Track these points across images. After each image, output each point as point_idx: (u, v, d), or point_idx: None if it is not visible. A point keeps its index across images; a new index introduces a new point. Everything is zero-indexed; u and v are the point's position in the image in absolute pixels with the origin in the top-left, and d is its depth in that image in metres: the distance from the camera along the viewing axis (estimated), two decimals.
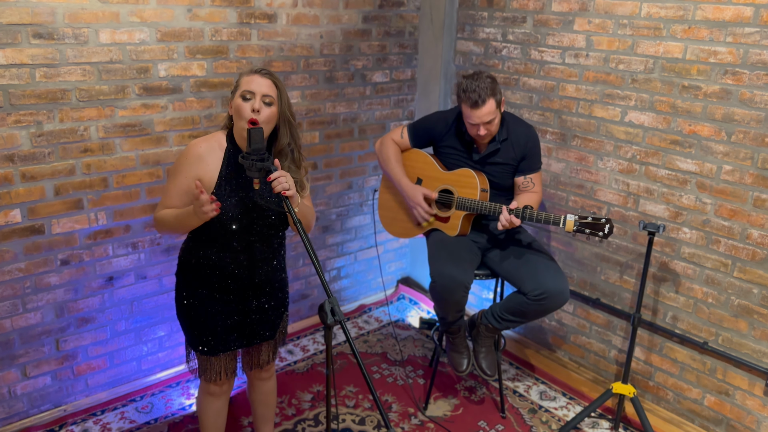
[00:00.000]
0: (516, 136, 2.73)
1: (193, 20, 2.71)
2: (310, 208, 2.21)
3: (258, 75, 2.00)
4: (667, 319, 2.86)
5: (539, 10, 3.08)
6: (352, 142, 3.52)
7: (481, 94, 2.52)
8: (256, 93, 1.97)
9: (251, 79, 1.99)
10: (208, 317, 2.15)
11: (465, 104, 2.57)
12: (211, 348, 2.18)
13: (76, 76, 2.47)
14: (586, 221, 2.43)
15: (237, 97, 2.00)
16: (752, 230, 2.52)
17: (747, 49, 2.42)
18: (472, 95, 2.53)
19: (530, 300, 2.56)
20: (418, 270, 4.08)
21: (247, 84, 1.99)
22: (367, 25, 3.35)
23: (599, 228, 2.40)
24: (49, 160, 2.49)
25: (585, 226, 2.43)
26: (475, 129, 2.61)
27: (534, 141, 2.76)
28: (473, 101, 2.53)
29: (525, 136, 2.74)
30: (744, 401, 2.66)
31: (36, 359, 2.67)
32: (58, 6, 2.36)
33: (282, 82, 2.05)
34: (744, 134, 2.48)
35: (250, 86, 1.98)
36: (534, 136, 2.77)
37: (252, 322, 2.21)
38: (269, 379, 2.43)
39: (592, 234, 2.41)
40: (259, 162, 1.84)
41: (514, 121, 2.78)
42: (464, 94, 2.56)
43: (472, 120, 2.58)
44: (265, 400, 2.46)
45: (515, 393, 3.12)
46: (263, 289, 2.20)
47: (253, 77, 2.00)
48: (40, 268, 2.58)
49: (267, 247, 2.15)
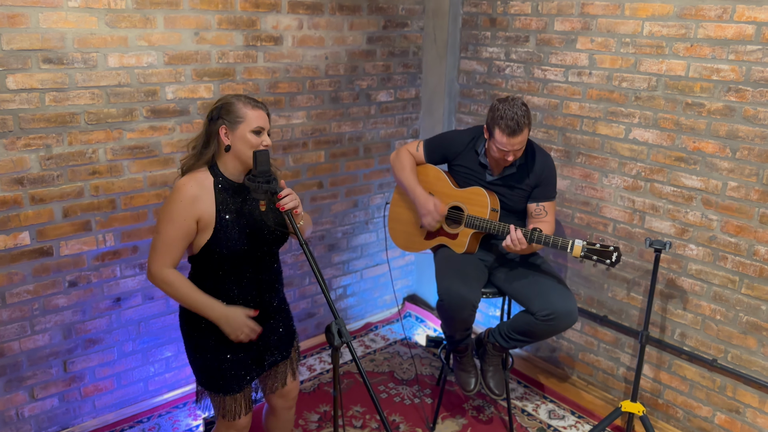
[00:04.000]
0: (533, 163, 2.71)
1: (200, 43, 2.74)
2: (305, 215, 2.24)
3: (260, 110, 2.01)
4: (676, 337, 2.84)
5: (542, 29, 3.10)
6: (358, 160, 3.55)
7: (519, 122, 2.47)
8: (265, 128, 2.01)
9: (259, 115, 1.99)
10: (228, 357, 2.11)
11: (500, 131, 2.50)
12: (229, 388, 2.13)
13: (84, 100, 2.50)
14: (594, 248, 2.41)
15: (246, 132, 1.97)
16: (759, 246, 2.52)
17: (750, 66, 2.43)
18: (511, 123, 2.46)
19: (538, 320, 2.55)
20: (424, 287, 4.08)
21: (256, 120, 1.98)
22: (371, 45, 3.39)
23: (607, 256, 2.38)
24: (57, 183, 2.52)
25: (593, 253, 2.41)
26: (504, 154, 2.57)
27: (551, 170, 2.73)
28: (512, 129, 2.47)
29: (542, 164, 2.71)
30: (755, 419, 2.63)
31: (43, 381, 2.67)
32: (68, 31, 2.40)
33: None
34: (749, 150, 2.49)
35: (260, 122, 1.99)
36: (551, 165, 2.74)
37: (266, 348, 2.19)
38: (290, 409, 2.41)
39: (600, 261, 2.39)
40: (266, 184, 1.86)
41: (533, 147, 2.75)
42: (501, 120, 2.49)
43: (504, 147, 2.52)
44: (283, 427, 2.44)
45: (524, 412, 3.10)
46: (273, 312, 2.20)
47: (259, 113, 2.00)
48: (48, 289, 2.59)
49: (270, 270, 2.16)
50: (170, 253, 1.99)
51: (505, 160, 2.60)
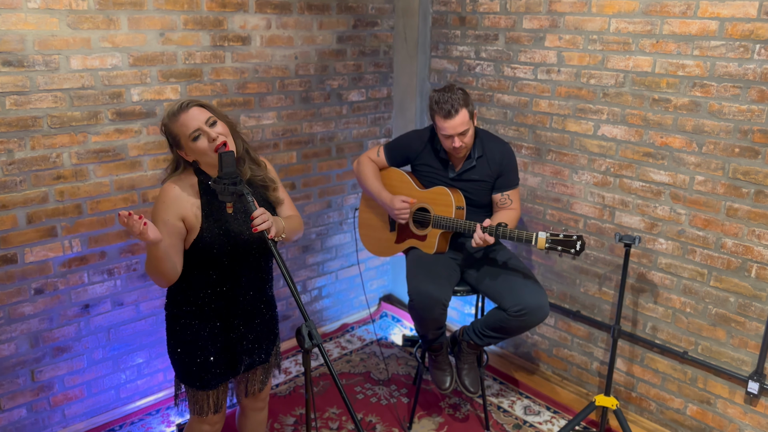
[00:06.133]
0: (491, 153, 2.75)
1: (166, 44, 2.70)
2: (295, 217, 2.20)
3: (183, 113, 1.90)
4: (647, 330, 2.87)
5: (510, 28, 3.11)
6: (330, 161, 3.53)
7: (453, 104, 2.53)
8: (200, 127, 1.90)
9: (184, 120, 1.89)
10: (207, 353, 2.10)
11: (438, 116, 2.57)
12: (205, 383, 2.12)
13: (47, 103, 2.45)
14: (558, 238, 2.43)
15: (189, 144, 1.91)
16: (726, 239, 2.55)
17: (714, 61, 2.46)
18: (445, 106, 2.54)
19: (510, 316, 2.56)
20: (399, 287, 4.07)
21: (184, 128, 1.89)
22: (341, 45, 3.37)
23: (571, 245, 2.40)
24: (21, 189, 2.46)
25: (557, 244, 2.43)
26: (450, 141, 2.61)
27: (510, 157, 2.77)
28: (446, 111, 2.54)
29: (500, 153, 2.75)
30: (725, 410, 2.67)
31: (10, 391, 2.61)
32: (28, 33, 2.35)
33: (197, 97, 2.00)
34: (714, 145, 2.52)
35: (189, 128, 1.89)
36: (509, 152, 2.78)
37: (244, 350, 2.17)
38: (263, 410, 2.40)
39: (564, 251, 2.41)
40: (232, 186, 1.83)
41: (488, 138, 2.79)
42: (437, 105, 2.56)
43: (446, 131, 2.58)
44: (256, 429, 2.43)
45: (499, 409, 3.11)
46: (255, 313, 2.17)
47: (183, 116, 1.90)
48: (13, 298, 2.53)
49: (255, 274, 2.13)
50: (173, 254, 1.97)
51: (455, 149, 2.63)
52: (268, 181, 2.14)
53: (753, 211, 2.46)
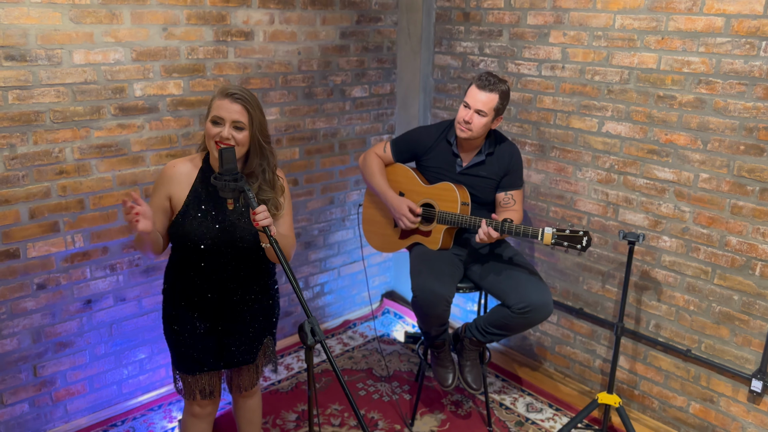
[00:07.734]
0: (501, 152, 2.75)
1: (169, 39, 2.69)
2: (289, 237, 2.17)
3: (228, 100, 1.95)
4: (650, 328, 2.86)
5: (515, 24, 3.10)
6: (333, 157, 3.52)
7: (493, 85, 2.59)
8: (226, 119, 1.95)
9: (222, 105, 1.95)
10: (186, 336, 2.14)
11: (475, 84, 2.62)
12: (188, 367, 2.17)
13: (50, 98, 2.44)
14: (564, 234, 2.42)
15: (208, 121, 1.98)
16: (731, 237, 2.54)
17: (719, 58, 2.45)
18: (486, 80, 2.59)
19: (514, 313, 2.55)
20: (402, 284, 4.07)
21: (217, 109, 1.96)
22: (345, 40, 3.36)
23: (577, 240, 2.40)
24: (23, 183, 2.46)
25: (563, 239, 2.42)
26: (465, 112, 2.62)
27: (517, 158, 2.78)
28: (483, 83, 2.59)
29: (509, 153, 2.76)
30: (728, 408, 2.66)
31: (13, 386, 2.61)
32: (31, 27, 2.34)
33: (256, 102, 2.00)
34: (719, 142, 2.51)
35: (220, 112, 1.95)
36: (518, 153, 2.79)
37: (229, 345, 2.19)
38: (252, 396, 2.41)
39: (571, 247, 2.41)
40: (233, 183, 1.82)
41: (500, 138, 2.80)
42: (480, 76, 2.62)
43: (470, 100, 2.61)
44: (250, 417, 2.43)
45: (502, 406, 3.10)
46: (240, 313, 2.17)
47: (224, 102, 1.95)
48: (15, 293, 2.53)
49: (242, 271, 2.12)
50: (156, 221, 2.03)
51: (463, 123, 2.62)
52: (274, 204, 2.10)
53: (758, 209, 2.45)
